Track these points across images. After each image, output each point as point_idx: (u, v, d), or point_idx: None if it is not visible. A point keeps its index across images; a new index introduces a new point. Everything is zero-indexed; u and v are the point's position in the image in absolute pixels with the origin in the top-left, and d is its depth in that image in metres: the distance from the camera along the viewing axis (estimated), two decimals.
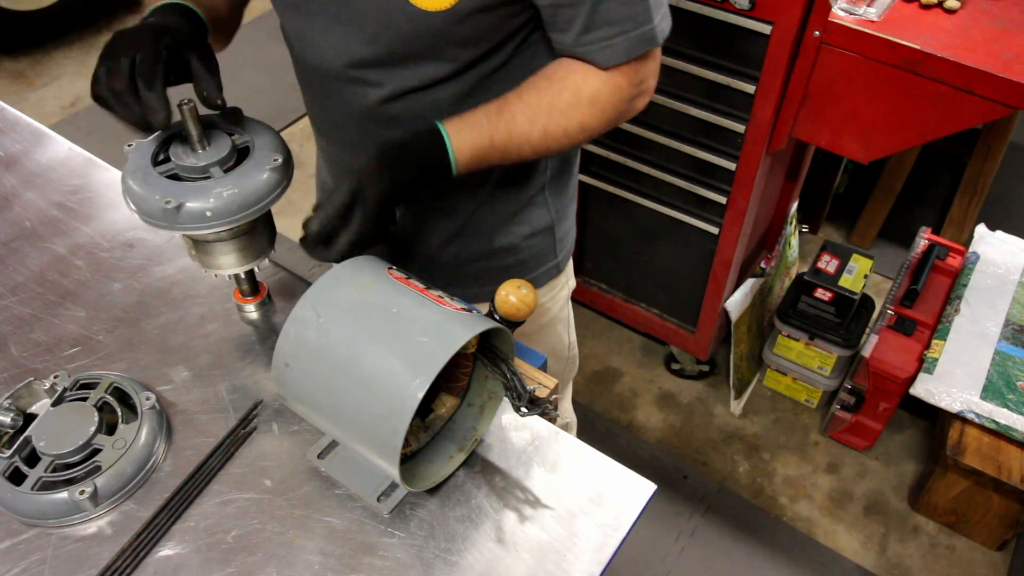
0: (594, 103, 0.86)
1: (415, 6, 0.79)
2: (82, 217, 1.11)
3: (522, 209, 1.06)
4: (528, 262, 1.11)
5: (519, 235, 1.07)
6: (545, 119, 0.85)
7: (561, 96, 0.85)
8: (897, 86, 1.43)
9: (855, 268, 1.95)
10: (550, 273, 1.15)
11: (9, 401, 0.83)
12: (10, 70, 3.34)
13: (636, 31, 0.83)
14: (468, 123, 0.83)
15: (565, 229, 1.14)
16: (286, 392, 0.76)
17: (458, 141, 0.82)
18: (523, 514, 0.79)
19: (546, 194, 1.07)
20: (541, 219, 1.08)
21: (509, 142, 0.85)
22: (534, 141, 0.86)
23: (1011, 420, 1.72)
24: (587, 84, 0.86)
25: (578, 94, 0.86)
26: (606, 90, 0.86)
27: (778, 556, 1.89)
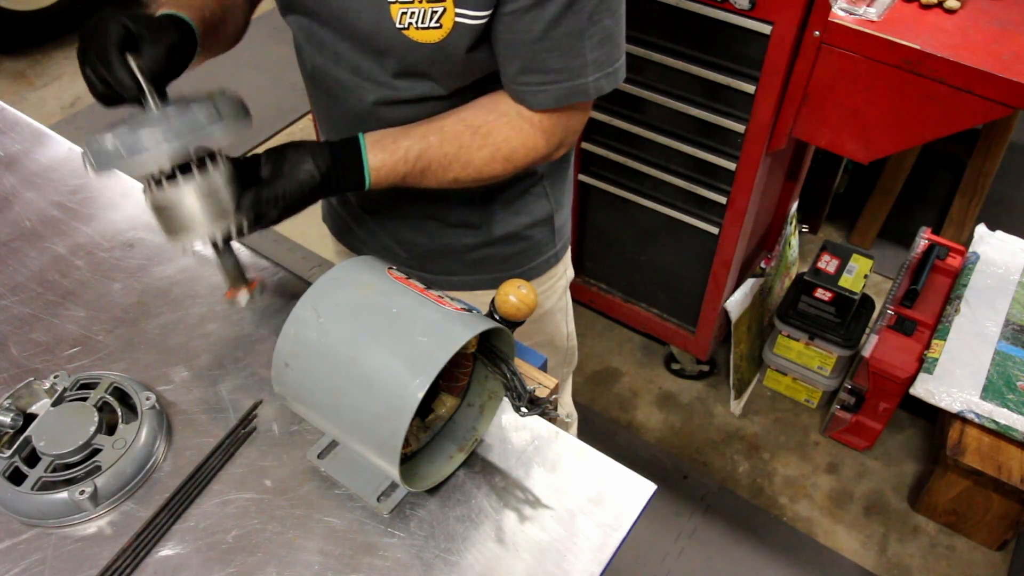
0: (508, 161, 0.92)
1: (408, 37, 0.83)
2: (82, 217, 1.11)
3: (521, 198, 1.08)
4: (528, 251, 1.13)
5: (519, 224, 1.09)
6: (459, 170, 0.91)
7: (480, 152, 0.90)
8: (897, 86, 1.43)
9: (855, 268, 1.95)
10: (549, 263, 1.17)
11: (9, 401, 0.83)
12: (10, 70, 3.34)
13: (568, 83, 0.86)
14: (389, 152, 0.87)
15: (563, 218, 1.16)
16: (286, 392, 0.76)
17: (376, 167, 0.86)
18: (523, 514, 0.80)
19: (545, 184, 1.08)
20: (541, 209, 1.10)
21: (419, 182, 0.91)
22: (442, 183, 0.92)
23: (1011, 420, 1.72)
24: (507, 144, 0.91)
25: (496, 152, 0.90)
26: (522, 151, 0.92)
27: (778, 556, 1.89)
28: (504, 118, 0.90)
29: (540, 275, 1.17)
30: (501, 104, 0.91)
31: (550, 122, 0.91)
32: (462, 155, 0.90)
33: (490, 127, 0.90)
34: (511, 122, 0.91)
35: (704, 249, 1.90)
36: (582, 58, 0.85)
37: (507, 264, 1.13)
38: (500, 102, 0.91)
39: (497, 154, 0.91)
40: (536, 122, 0.91)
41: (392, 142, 0.88)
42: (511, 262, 1.13)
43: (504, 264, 1.13)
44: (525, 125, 0.91)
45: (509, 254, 1.12)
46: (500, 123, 0.90)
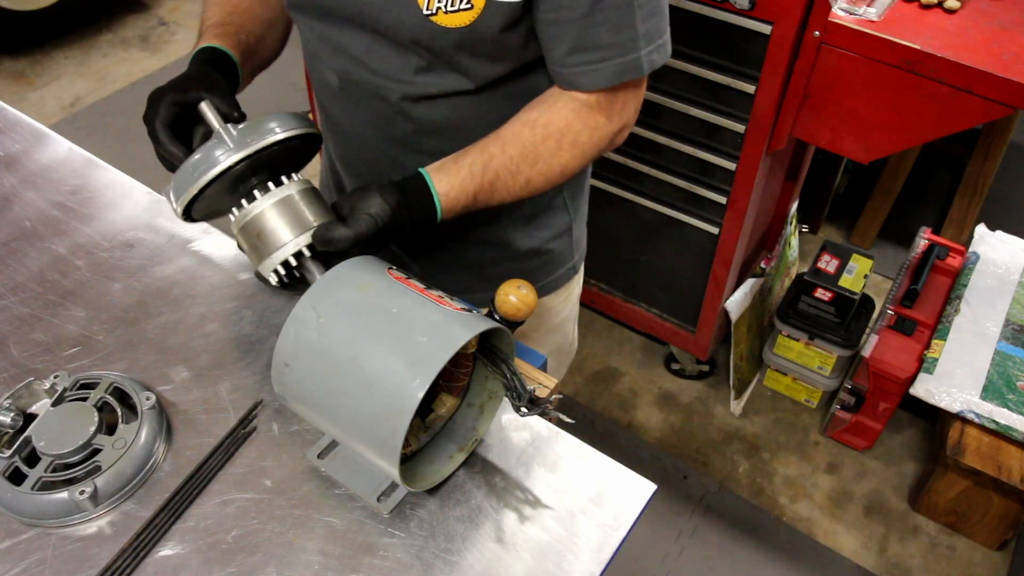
0: (575, 146, 0.89)
1: (435, 23, 0.80)
2: (82, 217, 1.11)
3: (543, 212, 1.06)
4: (548, 265, 1.12)
5: (541, 238, 1.08)
6: (528, 170, 0.87)
7: (545, 144, 0.87)
8: (897, 86, 1.43)
9: (855, 268, 1.95)
10: (567, 275, 1.16)
11: (9, 401, 0.83)
12: (10, 70, 3.34)
13: (622, 58, 0.84)
14: (453, 174, 0.85)
15: (581, 230, 1.15)
16: (286, 392, 0.76)
17: (444, 192, 0.84)
18: (523, 514, 0.79)
19: (564, 196, 1.07)
20: (561, 221, 1.09)
21: (491, 197, 0.88)
22: (515, 191, 0.89)
23: (1011, 420, 1.72)
24: (569, 129, 0.88)
25: (560, 140, 0.87)
26: (586, 132, 0.89)
27: (778, 556, 1.89)
28: (559, 105, 0.87)
29: (559, 288, 1.15)
30: (552, 95, 0.88)
31: (607, 101, 0.88)
32: (528, 154, 0.87)
33: (548, 117, 0.87)
34: (568, 107, 0.87)
35: (704, 249, 1.90)
36: (633, 31, 0.82)
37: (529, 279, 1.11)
38: (551, 94, 0.88)
39: (563, 142, 0.87)
40: (594, 103, 0.87)
41: (453, 164, 0.85)
42: (531, 276, 1.09)
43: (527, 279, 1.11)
44: (583, 108, 0.87)
45: (529, 268, 1.10)
46: (557, 111, 0.87)
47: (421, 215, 0.84)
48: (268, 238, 0.81)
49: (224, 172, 0.78)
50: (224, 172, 0.78)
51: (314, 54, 0.95)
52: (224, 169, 0.78)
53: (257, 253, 0.82)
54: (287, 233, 0.80)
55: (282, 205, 0.80)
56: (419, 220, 0.84)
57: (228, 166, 0.78)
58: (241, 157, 0.78)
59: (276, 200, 0.80)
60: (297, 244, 0.80)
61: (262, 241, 0.81)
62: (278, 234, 0.80)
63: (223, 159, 0.78)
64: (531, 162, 0.87)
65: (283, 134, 0.80)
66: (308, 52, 0.97)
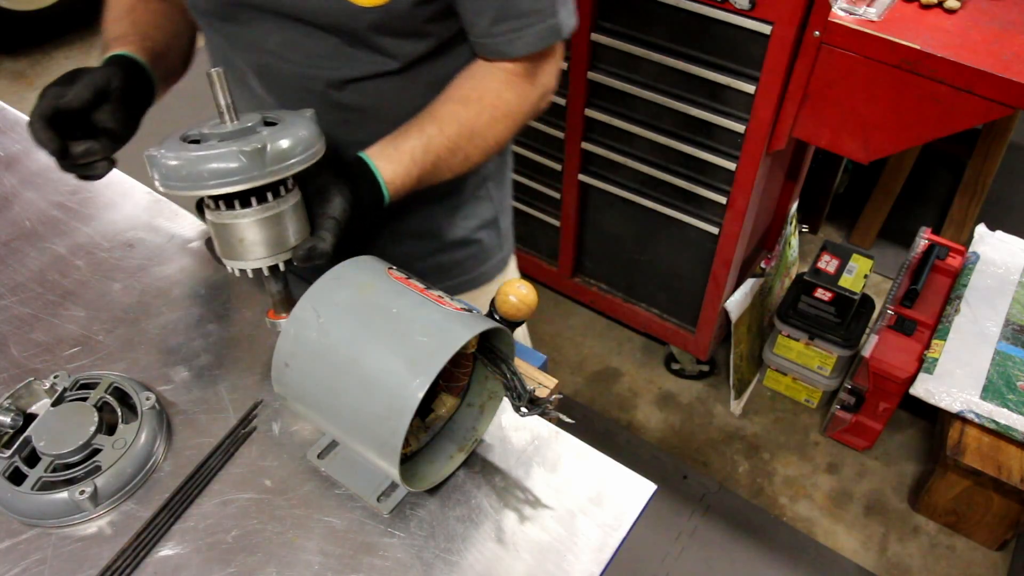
0: (508, 116, 0.91)
1: (352, 4, 0.82)
2: (82, 217, 1.11)
3: (468, 202, 1.09)
4: (479, 255, 1.14)
5: (468, 228, 1.10)
6: (467, 146, 0.90)
7: (480, 119, 0.90)
8: (897, 86, 1.43)
9: (855, 268, 1.95)
10: (498, 267, 1.19)
11: (9, 401, 0.83)
12: (10, 70, 3.34)
13: (543, 23, 0.87)
14: (396, 161, 0.86)
15: (508, 223, 1.18)
16: (286, 392, 0.76)
17: (389, 180, 0.85)
18: (523, 514, 0.80)
19: (489, 186, 1.10)
20: (486, 211, 1.12)
21: (433, 177, 0.90)
22: (456, 168, 0.91)
23: (1011, 420, 1.72)
24: (501, 100, 0.90)
25: (494, 112, 0.90)
26: (516, 101, 0.91)
27: (778, 556, 1.89)
28: (488, 78, 0.90)
29: (492, 279, 1.18)
30: (478, 69, 0.91)
31: (532, 68, 0.91)
32: (465, 130, 0.89)
33: (480, 92, 0.90)
34: (497, 79, 0.90)
35: (704, 249, 1.90)
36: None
37: (459, 270, 1.14)
38: (477, 68, 0.91)
39: (496, 114, 0.90)
40: (520, 71, 0.91)
41: (394, 149, 0.86)
42: (462, 267, 1.13)
43: (456, 270, 1.13)
44: (511, 77, 0.91)
45: (460, 259, 1.12)
46: (487, 84, 0.90)
47: (371, 205, 0.85)
48: (244, 246, 0.78)
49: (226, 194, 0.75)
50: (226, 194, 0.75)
51: (227, 60, 0.95)
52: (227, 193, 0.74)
53: (226, 248, 0.79)
54: (263, 249, 0.78)
55: (266, 223, 0.77)
56: (370, 211, 0.85)
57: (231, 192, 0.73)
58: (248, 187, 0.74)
59: (261, 217, 0.77)
60: (272, 261, 0.79)
61: (238, 245, 0.78)
62: (255, 248, 0.78)
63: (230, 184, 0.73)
64: (468, 137, 0.89)
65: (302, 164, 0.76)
66: (219, 60, 0.97)
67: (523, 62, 0.90)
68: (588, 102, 1.83)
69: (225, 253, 0.80)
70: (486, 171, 1.08)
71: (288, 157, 0.75)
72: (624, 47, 1.68)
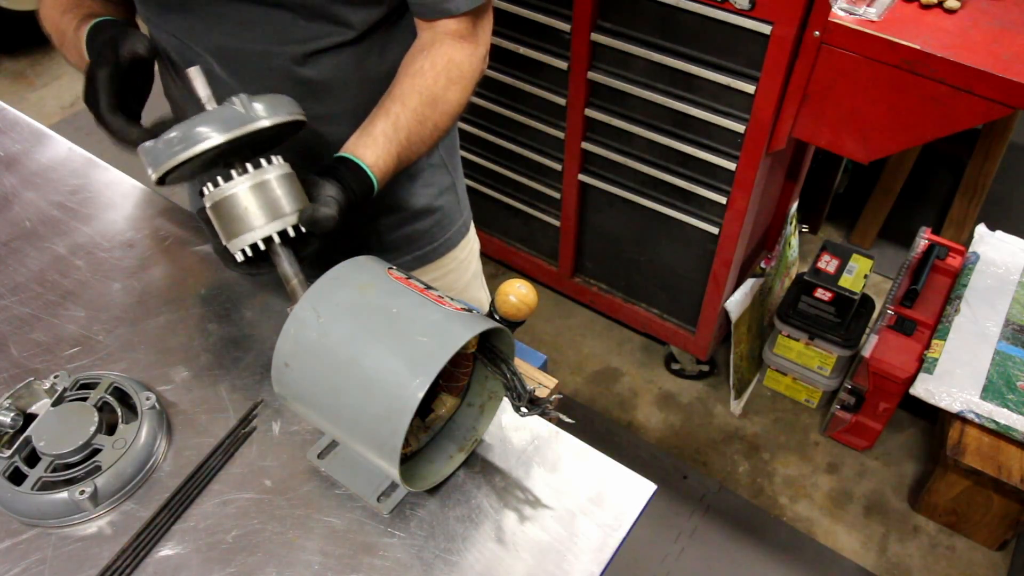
0: (462, 78, 0.94)
1: None
2: (82, 217, 1.11)
3: (424, 170, 1.12)
4: (442, 222, 1.19)
5: (429, 195, 1.15)
6: (432, 114, 0.93)
7: (437, 84, 0.92)
8: (897, 86, 1.43)
9: (855, 268, 1.95)
10: (461, 232, 1.24)
11: (9, 401, 0.83)
12: (10, 70, 3.34)
13: None
14: (372, 146, 0.88)
15: (463, 189, 1.23)
16: (286, 392, 0.76)
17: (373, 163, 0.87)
18: (523, 514, 0.80)
19: (441, 154, 1.14)
20: (443, 178, 1.16)
21: (410, 153, 0.92)
22: (427, 138, 0.94)
23: (1011, 420, 1.72)
24: (452, 63, 0.93)
25: (448, 76, 0.93)
26: (466, 61, 0.95)
27: (778, 556, 1.89)
28: (435, 47, 0.93)
29: (455, 246, 1.23)
30: (424, 43, 0.94)
31: (473, 27, 0.95)
32: (426, 99, 0.92)
33: (431, 61, 0.92)
34: (444, 45, 0.93)
35: (704, 249, 1.90)
36: None
37: (425, 239, 1.18)
38: (422, 42, 0.94)
39: (451, 76, 0.93)
40: (464, 31, 0.94)
41: (368, 136, 0.88)
42: (430, 235, 1.18)
43: (424, 240, 1.18)
44: (456, 40, 0.94)
45: (426, 228, 1.17)
46: (435, 52, 0.93)
47: (363, 194, 0.86)
48: (240, 220, 0.79)
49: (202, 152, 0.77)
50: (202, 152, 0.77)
51: (182, 50, 0.96)
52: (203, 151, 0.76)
53: (226, 231, 0.81)
54: (259, 218, 0.79)
55: (258, 189, 0.79)
56: (362, 199, 0.86)
57: (207, 148, 0.76)
58: (222, 141, 0.76)
59: (253, 184, 0.79)
60: (269, 230, 0.79)
61: (233, 221, 0.80)
62: (250, 217, 0.79)
63: (203, 141, 0.76)
64: (431, 105, 0.92)
65: (269, 121, 0.79)
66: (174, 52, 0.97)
67: (465, 20, 0.93)
68: (588, 102, 1.83)
69: (230, 234, 0.80)
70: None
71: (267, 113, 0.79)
72: (624, 47, 1.68)
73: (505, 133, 2.07)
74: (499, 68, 1.93)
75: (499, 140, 2.09)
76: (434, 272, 1.22)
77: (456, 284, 1.27)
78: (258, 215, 0.79)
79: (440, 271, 1.23)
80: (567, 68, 1.79)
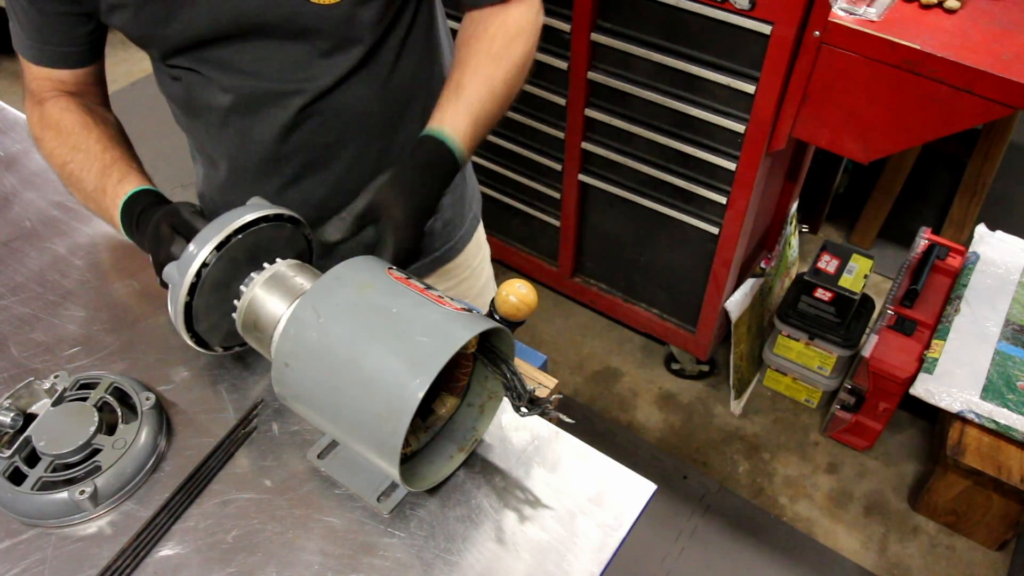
0: (522, 32, 0.92)
1: (317, 4, 0.83)
2: (82, 217, 1.11)
3: None
4: (453, 220, 1.16)
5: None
6: (497, 72, 0.89)
7: (495, 43, 0.90)
8: (897, 86, 1.43)
9: (855, 268, 1.95)
10: (472, 225, 1.22)
11: (9, 401, 0.83)
12: (10, 70, 3.34)
13: None
14: (447, 113, 0.86)
15: (472, 184, 1.21)
16: (286, 392, 0.76)
17: (453, 133, 0.85)
18: (523, 514, 0.79)
19: None
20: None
21: (484, 109, 0.88)
22: (499, 93, 0.90)
23: (1011, 420, 1.72)
24: (510, 19, 0.91)
25: (507, 32, 0.91)
26: (525, 16, 0.92)
27: (778, 556, 1.89)
28: (489, 11, 0.91)
29: (468, 242, 1.20)
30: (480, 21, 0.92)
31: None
32: (484, 58, 0.89)
33: (486, 23, 0.91)
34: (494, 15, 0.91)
35: (704, 249, 1.90)
36: None
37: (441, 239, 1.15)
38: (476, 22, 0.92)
39: (509, 32, 0.91)
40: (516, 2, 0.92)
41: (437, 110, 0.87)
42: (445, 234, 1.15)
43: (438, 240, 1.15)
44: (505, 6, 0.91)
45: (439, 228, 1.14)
46: (489, 17, 0.91)
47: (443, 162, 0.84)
48: (265, 320, 0.78)
49: (199, 275, 0.76)
50: (199, 275, 0.76)
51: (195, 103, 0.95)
52: (196, 269, 0.76)
53: (261, 343, 0.80)
54: (280, 305, 0.78)
55: (269, 283, 0.79)
56: (446, 166, 0.85)
57: (199, 266, 0.76)
58: (208, 252, 0.75)
59: (262, 281, 0.78)
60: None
61: (260, 328, 0.78)
62: (271, 310, 0.78)
63: (193, 262, 0.76)
64: (496, 63, 0.89)
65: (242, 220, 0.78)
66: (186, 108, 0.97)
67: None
68: (588, 102, 1.83)
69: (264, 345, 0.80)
70: None
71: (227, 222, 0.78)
72: (624, 47, 1.68)
73: (505, 133, 2.07)
74: None
75: (499, 140, 2.09)
76: (448, 282, 1.20)
77: (470, 293, 1.25)
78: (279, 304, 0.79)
79: (454, 280, 1.21)
80: (567, 68, 1.79)
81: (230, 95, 0.91)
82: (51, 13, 0.88)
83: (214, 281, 0.77)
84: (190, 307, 0.78)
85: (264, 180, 1.00)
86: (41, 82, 0.97)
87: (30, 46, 0.93)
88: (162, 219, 0.83)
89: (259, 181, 1.00)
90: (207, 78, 0.91)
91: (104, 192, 0.90)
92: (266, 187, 1.00)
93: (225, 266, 0.77)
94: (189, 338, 0.81)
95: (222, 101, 0.92)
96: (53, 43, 0.92)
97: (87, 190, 0.93)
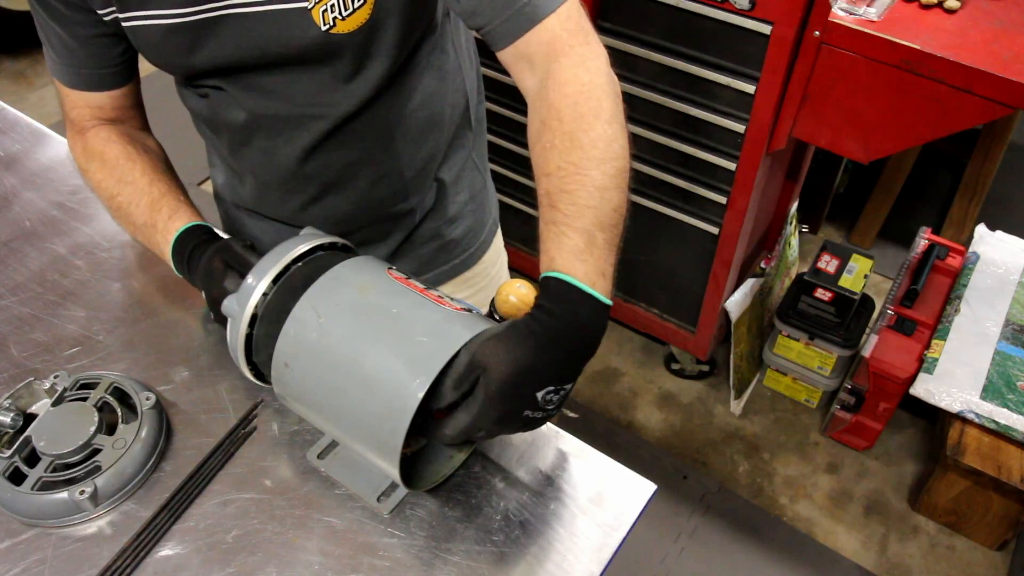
0: (600, 84, 0.75)
1: (337, 34, 0.82)
2: (82, 217, 1.11)
3: (461, 174, 1.09)
4: (475, 227, 1.14)
5: (460, 202, 1.10)
6: (595, 173, 0.71)
7: (586, 118, 0.73)
8: (897, 86, 1.43)
9: (855, 268, 1.95)
10: (492, 229, 1.19)
11: (9, 401, 0.83)
12: (10, 70, 3.34)
13: None
14: (566, 250, 0.69)
15: (491, 189, 1.18)
16: (286, 392, 0.76)
17: (585, 275, 0.68)
18: (523, 514, 0.79)
19: (474, 156, 1.10)
20: (476, 182, 1.11)
21: (602, 221, 0.71)
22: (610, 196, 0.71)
23: (1011, 420, 1.72)
24: (584, 79, 0.74)
25: (576, 109, 0.73)
26: (594, 63, 0.75)
27: (778, 556, 1.89)
28: (544, 91, 0.75)
29: (487, 250, 1.18)
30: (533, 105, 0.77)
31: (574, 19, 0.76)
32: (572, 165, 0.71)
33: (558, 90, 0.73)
34: (559, 63, 0.75)
35: (704, 249, 1.90)
36: None
37: (461, 246, 1.13)
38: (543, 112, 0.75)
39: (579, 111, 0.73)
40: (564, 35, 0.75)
41: (551, 246, 0.70)
42: (465, 241, 1.13)
43: (458, 248, 1.13)
44: (560, 56, 0.75)
45: (460, 235, 1.12)
46: (556, 78, 0.74)
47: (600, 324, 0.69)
48: None
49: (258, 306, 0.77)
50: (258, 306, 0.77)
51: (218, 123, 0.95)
52: (256, 301, 0.77)
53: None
54: None
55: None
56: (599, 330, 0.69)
57: (259, 297, 0.77)
58: (267, 283, 0.77)
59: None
60: None
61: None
62: None
63: (253, 293, 0.77)
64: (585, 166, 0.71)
65: (298, 250, 0.79)
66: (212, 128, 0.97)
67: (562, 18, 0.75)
68: None
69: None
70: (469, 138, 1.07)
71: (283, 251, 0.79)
72: (624, 47, 1.68)
73: (505, 133, 2.07)
74: (498, 68, 1.92)
75: (499, 140, 2.09)
76: (466, 291, 1.19)
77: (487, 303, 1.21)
78: None
79: (472, 288, 1.20)
80: None
81: (254, 116, 0.91)
82: (83, 37, 0.89)
83: (273, 311, 0.77)
84: (250, 338, 0.78)
85: (288, 196, 1.00)
86: (81, 110, 0.97)
87: (65, 71, 0.94)
88: (215, 255, 0.85)
89: (283, 197, 1.00)
90: (232, 97, 0.90)
91: (155, 228, 0.92)
92: (290, 203, 1.00)
93: (283, 296, 0.77)
94: (248, 370, 0.81)
95: (246, 121, 0.92)
96: (89, 66, 0.93)
97: (137, 223, 0.95)
